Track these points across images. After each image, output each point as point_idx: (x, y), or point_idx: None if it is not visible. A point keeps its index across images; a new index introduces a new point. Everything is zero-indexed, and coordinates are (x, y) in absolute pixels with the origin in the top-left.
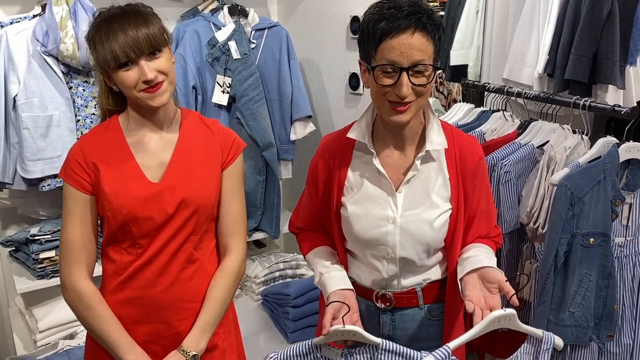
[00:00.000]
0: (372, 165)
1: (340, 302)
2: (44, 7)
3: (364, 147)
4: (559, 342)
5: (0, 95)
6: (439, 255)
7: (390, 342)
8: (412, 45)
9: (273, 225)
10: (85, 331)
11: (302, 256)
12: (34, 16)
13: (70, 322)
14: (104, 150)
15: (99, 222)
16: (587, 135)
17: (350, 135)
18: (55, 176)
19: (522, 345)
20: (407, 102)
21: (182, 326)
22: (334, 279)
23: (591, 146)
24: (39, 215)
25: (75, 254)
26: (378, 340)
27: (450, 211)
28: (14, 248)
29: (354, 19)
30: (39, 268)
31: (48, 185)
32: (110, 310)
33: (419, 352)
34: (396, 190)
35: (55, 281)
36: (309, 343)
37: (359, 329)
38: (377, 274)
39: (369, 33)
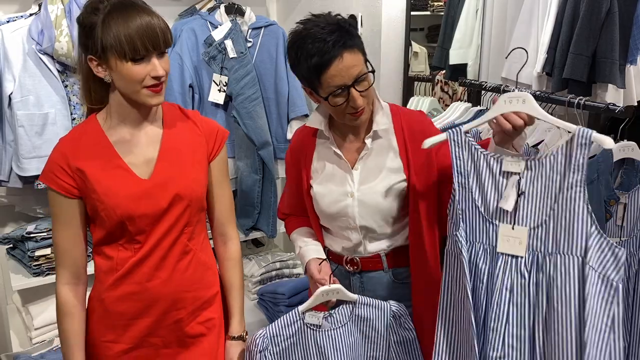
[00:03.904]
0: (331, 149)
1: (319, 259)
2: (40, 6)
3: (324, 134)
4: (604, 139)
5: None
6: (402, 223)
7: (366, 297)
8: (347, 66)
9: (270, 224)
10: None
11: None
12: (30, 15)
13: None
14: (87, 152)
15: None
16: None
17: (309, 123)
18: None
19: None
20: (362, 107)
21: (180, 314)
22: (311, 250)
23: None
24: (36, 213)
25: (61, 257)
26: (355, 296)
27: (405, 181)
28: (10, 245)
29: (351, 18)
30: (34, 265)
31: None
32: (76, 324)
33: (387, 303)
34: (352, 168)
35: (51, 279)
36: (295, 312)
37: (341, 286)
38: (345, 242)
39: (308, 69)
